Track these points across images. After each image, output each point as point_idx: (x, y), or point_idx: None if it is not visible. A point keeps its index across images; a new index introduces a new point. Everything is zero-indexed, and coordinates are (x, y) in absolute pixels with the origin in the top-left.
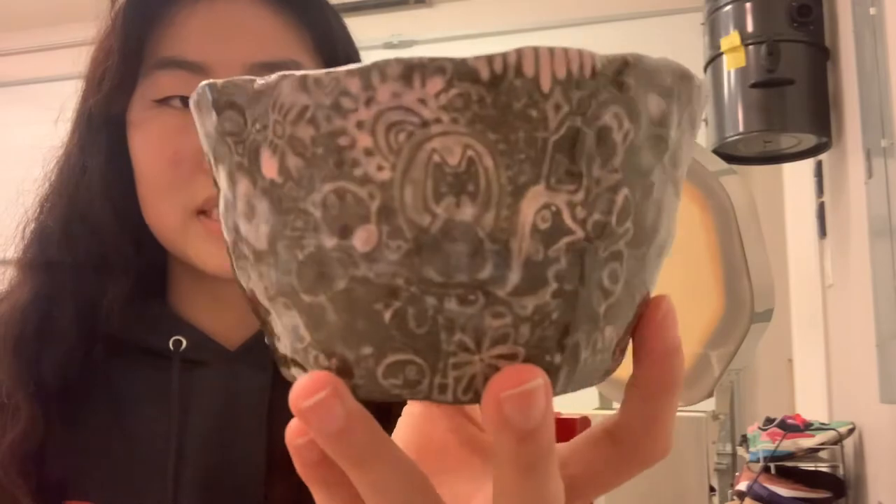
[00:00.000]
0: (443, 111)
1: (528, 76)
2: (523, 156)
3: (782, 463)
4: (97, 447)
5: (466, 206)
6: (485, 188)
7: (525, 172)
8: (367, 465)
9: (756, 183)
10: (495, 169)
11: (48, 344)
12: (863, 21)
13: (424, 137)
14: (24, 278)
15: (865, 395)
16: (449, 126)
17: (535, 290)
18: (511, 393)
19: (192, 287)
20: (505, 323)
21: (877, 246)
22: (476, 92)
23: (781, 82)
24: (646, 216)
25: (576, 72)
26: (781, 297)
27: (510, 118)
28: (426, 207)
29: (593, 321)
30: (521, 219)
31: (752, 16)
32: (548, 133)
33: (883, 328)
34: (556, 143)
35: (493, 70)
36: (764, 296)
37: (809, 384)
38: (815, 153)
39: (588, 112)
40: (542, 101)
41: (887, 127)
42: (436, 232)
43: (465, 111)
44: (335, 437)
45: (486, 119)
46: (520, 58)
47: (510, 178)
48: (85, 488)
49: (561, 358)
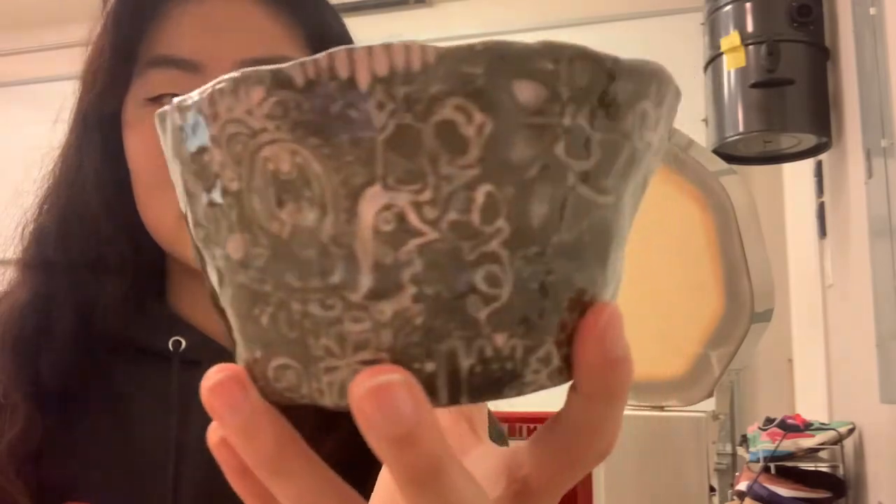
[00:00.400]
0: (267, 120)
1: (342, 77)
2: (351, 157)
3: (782, 463)
4: (96, 448)
5: (307, 211)
6: (319, 193)
7: (357, 174)
8: (284, 473)
9: (756, 183)
10: (325, 173)
11: (46, 344)
12: (863, 21)
13: (257, 147)
14: (23, 279)
15: (865, 395)
16: (275, 134)
17: (390, 294)
18: (364, 388)
19: (190, 287)
20: (365, 328)
21: (877, 246)
22: (293, 98)
23: (781, 82)
24: (529, 213)
25: (400, 67)
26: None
27: (330, 121)
28: (273, 215)
29: (472, 328)
30: (362, 221)
31: (752, 16)
32: (374, 132)
33: (883, 328)
34: (385, 142)
35: (307, 75)
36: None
37: (809, 384)
38: (815, 153)
39: (418, 107)
40: (362, 101)
41: (887, 127)
42: (286, 238)
43: (285, 118)
44: (241, 432)
45: (306, 124)
46: (332, 60)
47: (342, 181)
48: (84, 489)
49: (434, 366)
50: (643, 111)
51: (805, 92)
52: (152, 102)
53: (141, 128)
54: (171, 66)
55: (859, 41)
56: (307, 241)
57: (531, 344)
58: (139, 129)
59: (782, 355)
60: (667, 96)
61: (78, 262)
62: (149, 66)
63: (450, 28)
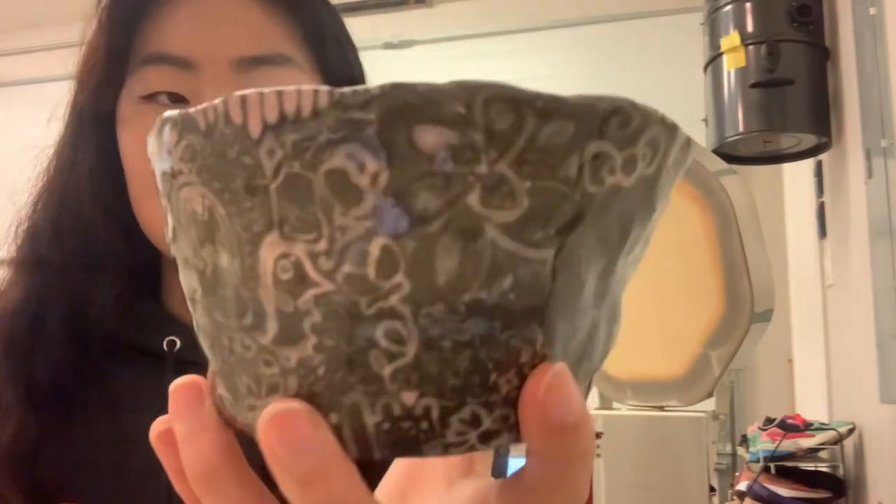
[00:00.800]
0: (181, 162)
1: (236, 123)
2: (249, 204)
3: (782, 463)
4: (91, 448)
5: (221, 253)
6: (226, 236)
7: (256, 221)
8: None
9: (756, 183)
10: (229, 218)
11: (40, 344)
12: (863, 21)
13: (176, 187)
14: (17, 278)
15: (865, 395)
16: (188, 176)
17: (293, 341)
18: (267, 415)
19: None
20: (274, 372)
21: (877, 246)
22: (198, 142)
23: (781, 82)
24: (433, 269)
25: (291, 114)
26: (781, 297)
27: (228, 167)
28: (197, 254)
29: (375, 384)
30: (263, 268)
31: (752, 16)
32: (267, 180)
33: (883, 328)
34: (278, 189)
35: (207, 120)
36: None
37: (809, 384)
38: (815, 153)
39: (307, 155)
40: (255, 148)
41: (887, 127)
42: (210, 276)
43: (194, 161)
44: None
45: (210, 169)
46: (226, 105)
47: (244, 227)
48: (78, 490)
49: (338, 418)
50: (597, 153)
51: (805, 92)
52: (147, 100)
53: (135, 125)
54: (164, 63)
55: (859, 41)
56: (225, 282)
57: (449, 405)
58: (133, 126)
59: (782, 355)
60: (644, 133)
61: (72, 261)
62: (143, 63)
63: (450, 28)
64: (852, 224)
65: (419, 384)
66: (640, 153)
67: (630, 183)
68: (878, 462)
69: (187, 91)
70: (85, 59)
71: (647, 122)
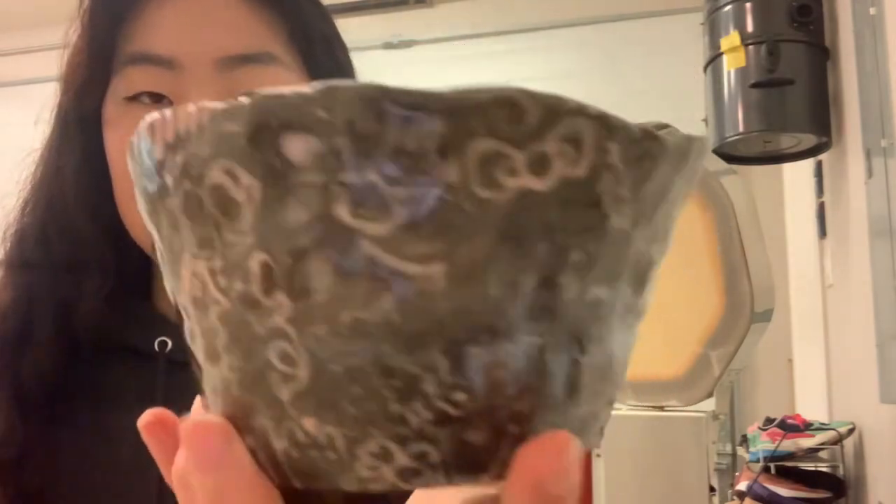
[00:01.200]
0: (138, 188)
1: (149, 144)
2: (167, 223)
3: (782, 463)
4: (81, 450)
5: (167, 276)
6: (161, 254)
7: (175, 241)
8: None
9: (756, 183)
10: (159, 237)
11: (28, 346)
12: (863, 21)
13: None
14: (5, 281)
15: (865, 395)
16: (144, 203)
17: (213, 361)
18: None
19: None
20: (208, 390)
21: (877, 246)
22: (134, 167)
23: (781, 82)
24: (311, 287)
25: (182, 132)
26: (781, 297)
27: (152, 186)
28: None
29: (277, 407)
30: (183, 286)
31: (752, 16)
32: (171, 200)
33: (883, 328)
34: (181, 209)
35: (139, 139)
36: (764, 296)
37: (809, 384)
38: (815, 153)
39: (193, 172)
40: (160, 167)
41: (887, 127)
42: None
43: (139, 180)
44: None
45: (143, 193)
46: (145, 126)
47: (168, 246)
48: (68, 492)
49: (252, 441)
50: (491, 153)
51: (805, 92)
52: (131, 101)
53: (120, 126)
54: (148, 63)
55: (859, 41)
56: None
57: (353, 435)
58: (118, 127)
59: (782, 355)
60: (553, 128)
61: (59, 264)
62: (127, 63)
63: (450, 28)
64: (852, 224)
65: (317, 410)
66: (553, 151)
67: (546, 186)
68: (878, 462)
69: (171, 91)
70: (69, 60)
71: (553, 114)
